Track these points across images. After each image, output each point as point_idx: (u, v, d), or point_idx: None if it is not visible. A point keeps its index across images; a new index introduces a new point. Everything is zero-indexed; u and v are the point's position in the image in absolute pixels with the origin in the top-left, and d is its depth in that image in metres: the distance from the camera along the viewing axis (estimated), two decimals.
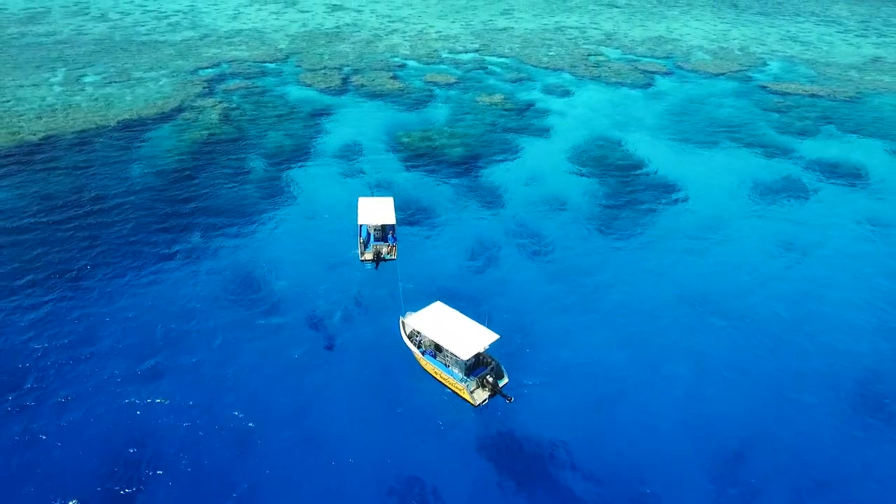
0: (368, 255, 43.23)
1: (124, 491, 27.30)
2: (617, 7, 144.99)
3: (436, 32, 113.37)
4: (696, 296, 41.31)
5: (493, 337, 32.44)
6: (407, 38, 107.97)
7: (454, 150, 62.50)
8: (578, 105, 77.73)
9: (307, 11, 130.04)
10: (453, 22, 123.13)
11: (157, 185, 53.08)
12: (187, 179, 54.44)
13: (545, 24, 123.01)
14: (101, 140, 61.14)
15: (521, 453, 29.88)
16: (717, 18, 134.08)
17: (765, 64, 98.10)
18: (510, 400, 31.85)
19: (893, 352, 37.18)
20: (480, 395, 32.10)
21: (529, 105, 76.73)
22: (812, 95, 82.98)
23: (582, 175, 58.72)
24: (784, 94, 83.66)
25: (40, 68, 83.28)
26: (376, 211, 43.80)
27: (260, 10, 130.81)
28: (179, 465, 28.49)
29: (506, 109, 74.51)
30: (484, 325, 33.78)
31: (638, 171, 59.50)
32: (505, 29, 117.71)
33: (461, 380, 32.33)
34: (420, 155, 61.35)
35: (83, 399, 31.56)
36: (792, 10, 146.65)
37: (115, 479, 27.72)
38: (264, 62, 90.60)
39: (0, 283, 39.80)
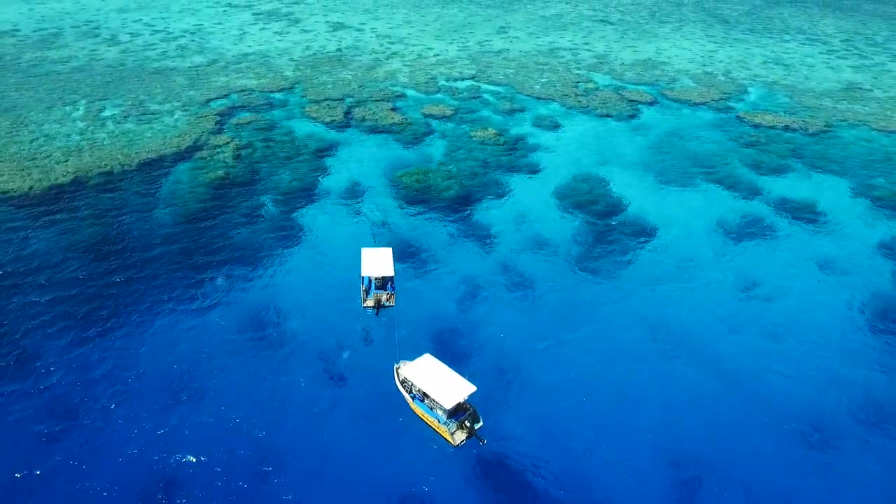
0: (370, 302, 49.30)
1: None
2: (610, 24, 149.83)
3: (434, 56, 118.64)
4: (670, 343, 47.20)
5: (471, 389, 38.63)
6: (406, 63, 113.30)
7: (449, 190, 68.31)
8: (566, 140, 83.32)
9: (309, 31, 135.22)
10: (451, 43, 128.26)
11: (180, 230, 59.07)
12: (207, 223, 60.42)
13: (539, 45, 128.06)
14: (125, 182, 67.10)
15: (493, 487, 36.06)
16: (707, 37, 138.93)
17: (745, 91, 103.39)
18: (483, 442, 38.15)
19: (841, 396, 43.18)
20: (459, 436, 38.36)
21: (520, 139, 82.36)
22: (786, 127, 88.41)
23: (567, 217, 64.43)
24: (759, 125, 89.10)
25: (61, 101, 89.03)
26: (378, 263, 49.76)
27: (263, 29, 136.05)
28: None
29: (498, 145, 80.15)
30: (465, 377, 39.94)
31: (619, 213, 65.21)
32: (500, 51, 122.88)
33: (444, 423, 38.54)
34: (417, 196, 67.18)
35: (117, 445, 37.77)
36: (780, 27, 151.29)
37: None
38: (271, 92, 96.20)
39: (39, 334, 45.99)
